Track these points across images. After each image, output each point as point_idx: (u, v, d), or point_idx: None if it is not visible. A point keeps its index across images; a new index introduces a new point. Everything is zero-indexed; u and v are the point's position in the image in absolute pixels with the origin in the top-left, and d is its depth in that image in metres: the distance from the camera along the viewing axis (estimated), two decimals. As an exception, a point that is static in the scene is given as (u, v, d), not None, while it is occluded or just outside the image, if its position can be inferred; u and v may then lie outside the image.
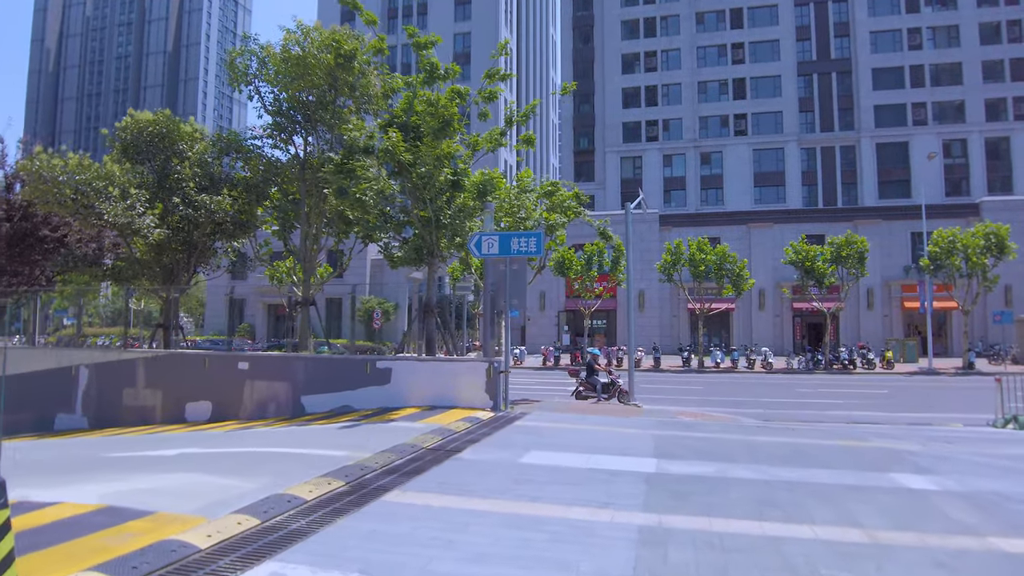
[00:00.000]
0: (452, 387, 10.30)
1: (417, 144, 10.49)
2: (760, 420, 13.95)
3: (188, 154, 14.08)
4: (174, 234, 14.08)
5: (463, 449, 6.89)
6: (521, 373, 30.36)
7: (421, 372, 10.51)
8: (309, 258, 14.31)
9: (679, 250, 33.49)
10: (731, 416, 14.72)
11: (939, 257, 30.74)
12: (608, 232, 14.82)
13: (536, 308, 43.76)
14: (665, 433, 8.33)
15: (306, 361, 11.43)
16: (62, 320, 42.84)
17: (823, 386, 23.87)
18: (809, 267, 31.87)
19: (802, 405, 17.64)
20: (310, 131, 14.50)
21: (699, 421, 10.33)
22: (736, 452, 7.08)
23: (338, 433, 8.10)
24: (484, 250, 10.19)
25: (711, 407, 17.20)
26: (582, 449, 7.03)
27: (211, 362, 12.08)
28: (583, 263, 33.90)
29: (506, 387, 10.36)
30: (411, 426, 8.34)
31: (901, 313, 39.73)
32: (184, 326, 66.06)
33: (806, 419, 14.32)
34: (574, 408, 14.71)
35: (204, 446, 7.60)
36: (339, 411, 10.83)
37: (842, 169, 53.50)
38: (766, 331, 40.50)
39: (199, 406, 12.04)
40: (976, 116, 51.10)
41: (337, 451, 6.65)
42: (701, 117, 56.67)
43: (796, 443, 7.76)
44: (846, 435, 8.53)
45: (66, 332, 40.21)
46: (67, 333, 39.06)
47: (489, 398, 10.09)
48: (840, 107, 54.38)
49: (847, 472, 6.14)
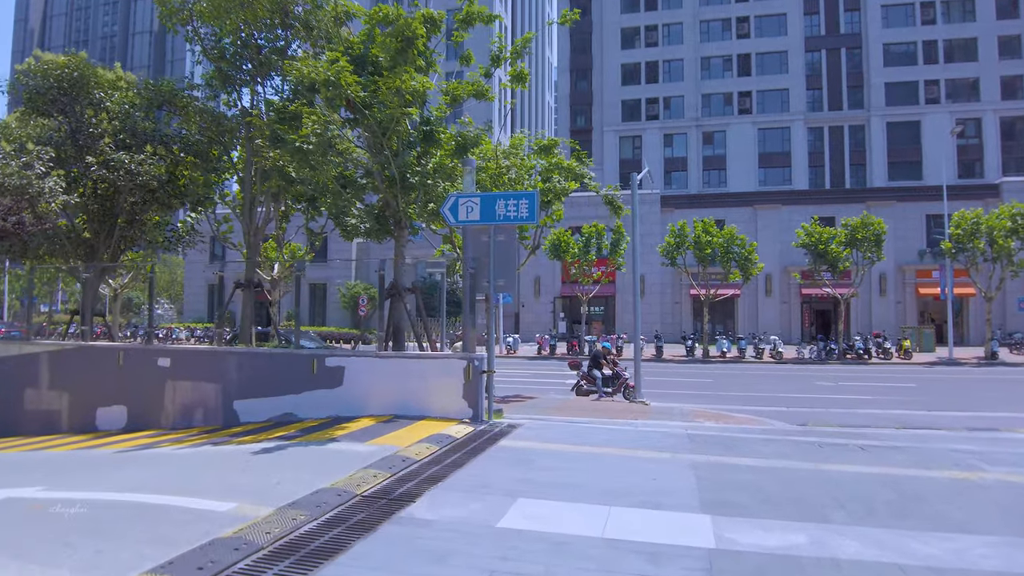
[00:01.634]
0: (422, 391, 8.05)
1: (375, 79, 8.12)
2: (792, 423, 11.88)
3: (107, 104, 11.57)
4: (92, 201, 11.64)
5: (417, 497, 4.63)
6: (514, 363, 28.13)
7: (382, 372, 8.23)
8: (255, 232, 11.94)
9: (683, 232, 31.23)
10: (755, 418, 12.59)
11: (961, 240, 28.63)
12: (617, 201, 12.43)
13: (531, 294, 41.49)
14: (704, 459, 6.11)
15: (240, 357, 9.12)
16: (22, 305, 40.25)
17: (842, 378, 21.77)
18: (822, 250, 29.70)
19: (827, 402, 15.53)
20: (261, 81, 12.08)
21: (737, 434, 8.11)
22: (818, 497, 4.86)
23: (249, 462, 5.83)
24: (462, 216, 7.89)
25: (727, 404, 15.09)
26: (594, 493, 4.80)
27: (127, 357, 9.75)
28: (580, 246, 31.64)
29: (491, 390, 8.11)
30: (355, 450, 6.08)
31: (915, 300, 37.69)
32: (166, 313, 63.00)
33: (842, 419, 12.22)
34: (574, 408, 12.48)
35: (50, 483, 5.32)
36: (279, 421, 8.56)
37: (851, 149, 51.17)
38: (773, 318, 38.41)
39: (112, 412, 9.74)
40: (991, 94, 48.79)
41: (223, 503, 4.39)
42: (704, 94, 54.12)
43: (891, 476, 5.56)
44: (942, 461, 6.36)
45: (38, 319, 37.73)
46: (40, 320, 36.64)
47: (468, 405, 7.84)
48: (849, 84, 51.94)
49: (1009, 540, 3.94)
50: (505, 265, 7.62)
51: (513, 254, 7.72)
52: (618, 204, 11.49)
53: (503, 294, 38.96)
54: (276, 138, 8.87)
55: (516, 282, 7.71)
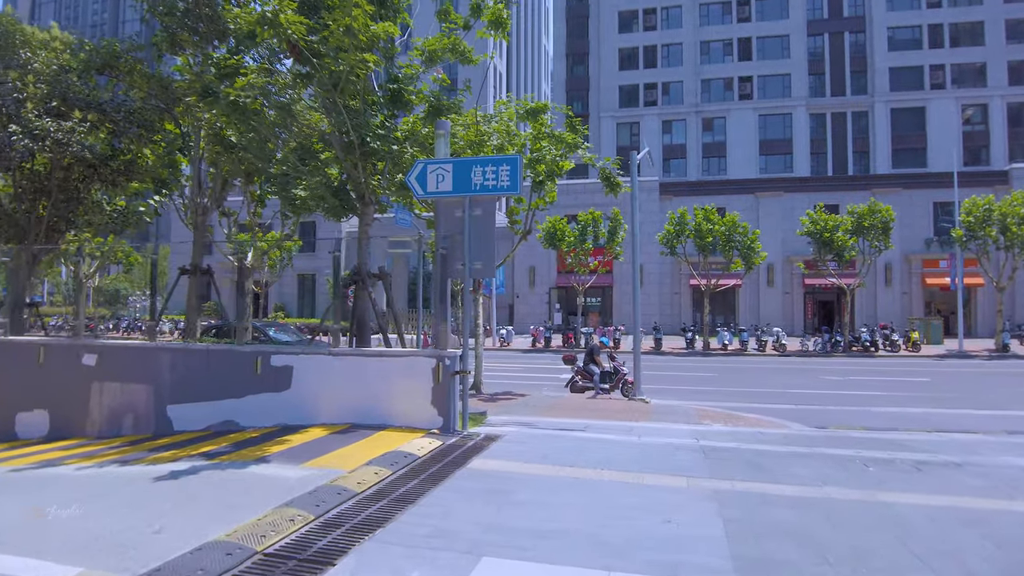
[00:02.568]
0: (384, 396, 6.74)
1: (325, 21, 6.70)
2: (810, 424, 10.67)
3: (34, 64, 10.08)
4: (21, 177, 10.19)
5: (340, 557, 3.32)
6: (507, 356, 26.85)
7: (337, 373, 6.91)
8: (202, 211, 10.54)
9: (683, 220, 29.92)
10: (768, 419, 11.37)
11: (973, 228, 27.40)
12: (615, 177, 10.87)
13: (525, 284, 40.18)
14: (728, 486, 4.83)
15: (173, 355, 7.77)
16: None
17: (850, 372, 20.60)
18: (827, 238, 28.43)
19: (838, 399, 14.32)
20: (215, 43, 10.65)
21: (757, 444, 6.83)
22: (890, 550, 3.58)
23: (145, 493, 4.52)
24: (431, 186, 6.55)
25: (732, 400, 13.88)
26: (587, 548, 3.51)
27: (48, 354, 8.40)
28: (576, 234, 30.31)
29: (466, 395, 6.80)
30: (283, 476, 4.77)
31: (921, 290, 36.51)
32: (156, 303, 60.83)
33: (860, 419, 11.02)
34: (568, 408, 11.20)
35: None
36: (218, 430, 7.24)
37: (854, 136, 49.79)
38: (774, 309, 37.20)
39: (33, 418, 8.40)
40: (998, 79, 47.43)
41: (65, 569, 3.09)
42: (703, 80, 52.59)
43: (973, 513, 4.29)
44: (1020, 485, 5.11)
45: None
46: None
47: (437, 413, 6.53)
48: (853, 69, 50.48)
49: None
50: (482, 244, 6.30)
51: (491, 231, 6.39)
52: (616, 180, 9.90)
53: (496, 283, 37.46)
54: (207, 92, 7.43)
55: (495, 262, 6.38)
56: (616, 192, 8.38)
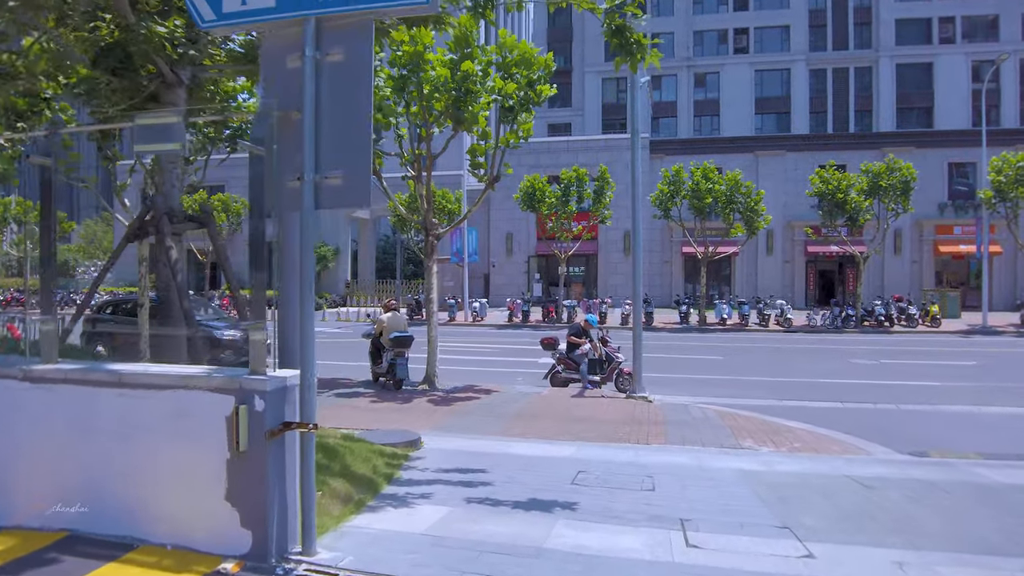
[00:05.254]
0: (131, 471, 3.14)
1: None
2: (898, 448, 7.47)
3: None
4: None
5: None
6: (479, 333, 23.41)
7: (38, 418, 3.28)
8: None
9: (679, 179, 26.44)
10: (828, 435, 8.13)
11: (1004, 188, 24.35)
12: (634, 32, 6.05)
13: (502, 252, 36.56)
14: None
15: None
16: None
17: (875, 353, 17.56)
18: (840, 200, 25.23)
19: (888, 393, 11.13)
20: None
21: (872, 500, 3.49)
22: None
23: None
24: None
25: (754, 395, 10.69)
26: None
27: None
28: (558, 195, 26.71)
29: (308, 473, 3.30)
30: None
31: (932, 259, 33.69)
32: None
33: (940, 429, 7.83)
34: (546, 414, 7.77)
35: None
36: None
37: (856, 94, 46.38)
38: (774, 279, 34.17)
39: None
40: (1012, 34, 44.13)
41: None
42: (696, 32, 48.53)
43: None
44: None
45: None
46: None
47: (240, 518, 2.89)
48: (856, 21, 46.80)
49: None
50: (345, 131, 2.77)
51: (363, 103, 2.81)
52: (636, 36, 5.20)
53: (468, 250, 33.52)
54: None
55: (370, 167, 2.82)
56: (634, 62, 4.51)
